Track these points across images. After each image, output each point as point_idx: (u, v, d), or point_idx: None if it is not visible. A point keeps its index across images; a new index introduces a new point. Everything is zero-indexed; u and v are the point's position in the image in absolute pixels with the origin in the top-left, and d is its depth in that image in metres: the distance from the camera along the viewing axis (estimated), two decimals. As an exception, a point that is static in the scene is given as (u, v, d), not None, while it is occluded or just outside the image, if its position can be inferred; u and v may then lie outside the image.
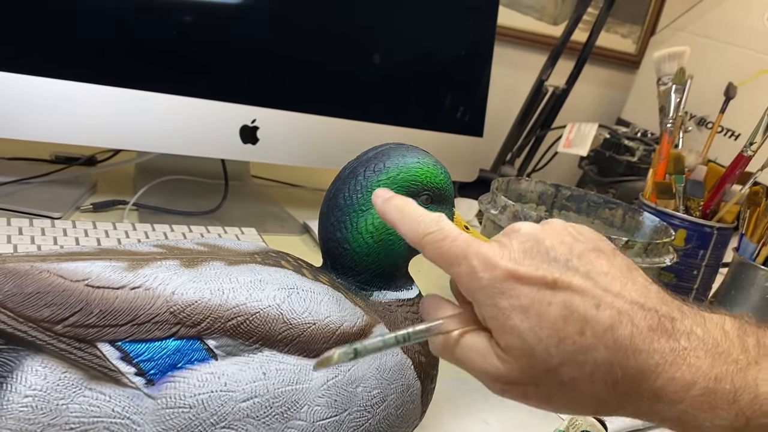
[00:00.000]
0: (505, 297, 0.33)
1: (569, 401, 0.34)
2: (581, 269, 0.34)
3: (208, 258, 0.41)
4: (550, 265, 0.34)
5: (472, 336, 0.35)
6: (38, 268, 0.35)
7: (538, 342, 0.33)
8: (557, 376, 0.33)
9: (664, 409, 0.33)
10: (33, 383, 0.34)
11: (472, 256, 0.34)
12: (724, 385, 0.32)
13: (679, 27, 1.45)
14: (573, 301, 0.33)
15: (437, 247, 0.35)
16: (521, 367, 0.33)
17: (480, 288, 0.34)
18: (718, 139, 1.20)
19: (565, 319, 0.33)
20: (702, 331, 0.34)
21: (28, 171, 0.83)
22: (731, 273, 0.81)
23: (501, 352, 0.34)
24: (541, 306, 0.33)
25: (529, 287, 0.33)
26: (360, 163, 0.46)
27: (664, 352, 0.33)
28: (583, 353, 0.33)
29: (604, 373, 0.33)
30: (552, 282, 0.33)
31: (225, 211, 0.87)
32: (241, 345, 0.37)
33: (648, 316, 0.33)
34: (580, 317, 0.33)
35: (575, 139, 1.19)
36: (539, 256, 0.34)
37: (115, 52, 0.75)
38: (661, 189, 0.83)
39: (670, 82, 0.85)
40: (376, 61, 0.92)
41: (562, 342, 0.33)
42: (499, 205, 0.70)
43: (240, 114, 0.83)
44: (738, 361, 0.33)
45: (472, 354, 0.35)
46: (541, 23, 1.46)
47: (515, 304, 0.33)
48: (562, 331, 0.33)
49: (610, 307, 0.33)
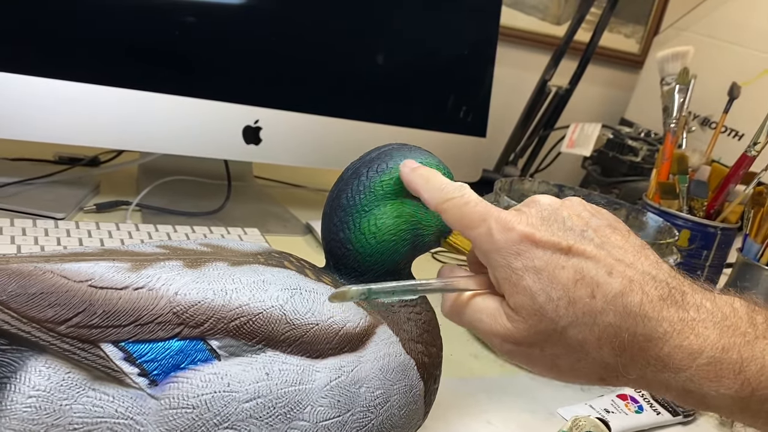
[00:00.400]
0: (519, 258, 0.34)
1: (574, 366, 0.35)
2: (596, 239, 0.35)
3: (211, 258, 0.41)
4: (565, 233, 0.35)
5: (483, 298, 0.36)
6: (42, 269, 0.35)
7: (548, 301, 0.33)
8: (565, 338, 0.34)
9: (670, 378, 0.34)
10: (36, 384, 0.34)
11: (491, 218, 0.35)
12: (731, 355, 0.33)
13: (683, 27, 1.45)
14: (586, 266, 0.34)
15: (458, 210, 0.37)
16: (530, 327, 0.34)
17: (496, 249, 0.35)
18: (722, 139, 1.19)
19: (577, 283, 0.33)
20: (711, 305, 0.35)
21: (31, 172, 0.83)
22: (735, 273, 0.81)
23: (511, 312, 0.35)
24: (554, 269, 0.34)
25: (543, 250, 0.34)
26: (363, 164, 0.46)
27: (673, 320, 0.33)
28: (592, 316, 0.33)
29: (612, 336, 0.33)
30: (566, 248, 0.34)
31: (228, 212, 0.87)
32: (244, 345, 0.37)
33: (659, 287, 0.34)
34: (592, 281, 0.33)
35: (578, 140, 1.19)
36: (556, 224, 0.35)
37: (118, 52, 0.76)
38: (665, 189, 0.83)
39: (674, 82, 0.85)
40: (379, 61, 0.92)
41: (572, 303, 0.33)
42: (502, 206, 0.69)
43: (243, 114, 0.83)
44: (746, 334, 0.34)
45: (482, 314, 0.36)
46: (544, 23, 1.45)
47: (529, 265, 0.34)
48: (572, 293, 0.33)
49: (622, 275, 0.34)
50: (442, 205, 0.38)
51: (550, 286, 0.33)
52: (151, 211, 0.82)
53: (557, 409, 0.61)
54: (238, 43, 0.82)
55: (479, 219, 0.36)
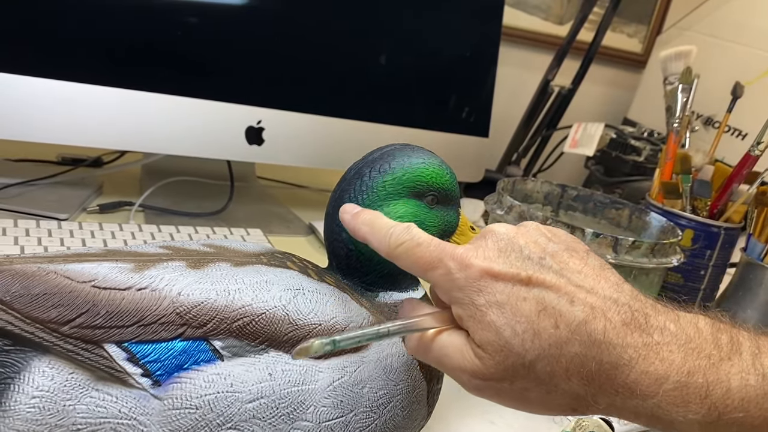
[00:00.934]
0: (481, 294, 0.34)
1: (545, 398, 0.35)
2: (554, 267, 0.35)
3: (214, 259, 0.41)
4: (523, 263, 0.35)
5: (449, 334, 0.36)
6: (45, 270, 0.35)
7: (514, 336, 0.33)
8: (533, 371, 0.34)
9: (638, 405, 0.33)
10: (40, 384, 0.34)
11: (448, 258, 0.35)
12: (697, 379, 0.33)
13: (686, 26, 1.44)
14: (547, 296, 0.33)
15: (411, 255, 0.36)
16: (497, 362, 0.34)
17: (457, 288, 0.35)
18: (725, 138, 1.19)
19: (540, 314, 0.33)
20: (675, 326, 0.34)
21: (34, 173, 0.83)
22: (739, 273, 0.81)
23: (478, 349, 0.34)
24: (516, 301, 0.33)
25: (504, 283, 0.34)
26: (365, 164, 0.46)
27: (637, 346, 0.33)
28: (558, 347, 0.33)
29: (579, 366, 0.33)
30: (526, 278, 0.34)
31: (231, 212, 0.87)
32: (247, 346, 0.37)
33: (621, 311, 0.34)
34: (555, 311, 0.33)
35: (581, 139, 1.19)
36: (513, 254, 0.35)
37: (121, 53, 0.76)
38: (668, 189, 0.83)
39: (677, 81, 0.85)
40: (382, 61, 0.92)
41: (537, 335, 0.33)
42: (505, 206, 0.70)
43: (245, 115, 0.83)
44: (711, 356, 0.33)
45: (449, 351, 0.36)
46: (547, 23, 1.45)
47: (491, 300, 0.34)
48: (537, 325, 0.33)
49: (584, 302, 0.33)
50: (394, 252, 0.37)
51: (514, 319, 0.33)
52: (154, 212, 0.83)
53: (560, 410, 0.61)
54: (241, 43, 0.82)
55: (435, 260, 0.35)
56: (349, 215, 0.40)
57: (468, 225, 0.49)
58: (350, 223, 0.40)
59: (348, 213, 0.41)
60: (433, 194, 0.46)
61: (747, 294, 0.79)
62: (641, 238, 0.73)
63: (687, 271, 0.81)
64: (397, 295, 0.46)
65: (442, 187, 0.46)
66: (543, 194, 0.83)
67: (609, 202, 0.82)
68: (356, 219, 0.40)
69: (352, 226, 0.40)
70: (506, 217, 0.68)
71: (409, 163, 0.45)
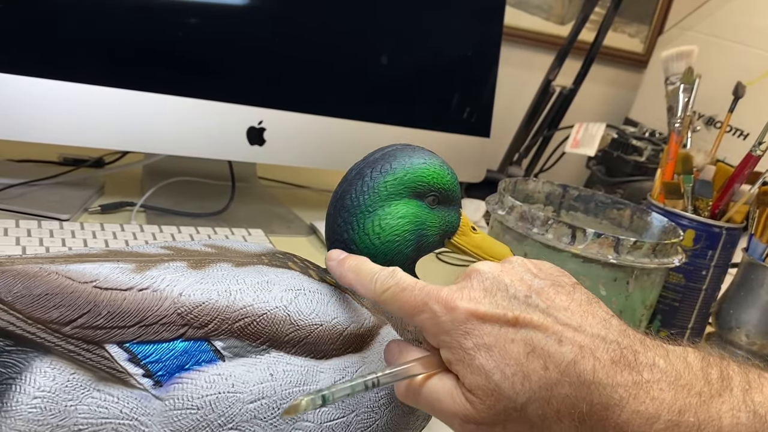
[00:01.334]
0: (469, 337, 0.34)
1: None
2: (541, 305, 0.34)
3: (215, 259, 0.41)
4: (510, 303, 0.34)
5: (439, 378, 0.36)
6: (47, 270, 0.35)
7: (504, 379, 0.33)
8: (525, 415, 0.33)
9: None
10: (42, 384, 0.34)
11: (433, 301, 0.35)
12: (688, 417, 0.32)
13: (687, 26, 1.44)
14: (535, 337, 0.33)
15: (396, 300, 0.36)
16: (489, 406, 0.33)
17: (444, 331, 0.34)
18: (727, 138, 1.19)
19: (528, 355, 0.33)
20: (665, 362, 0.34)
21: (36, 173, 0.83)
22: (740, 274, 0.81)
23: (468, 393, 0.34)
24: (504, 343, 0.33)
25: (491, 325, 0.34)
26: (367, 164, 0.46)
27: (627, 385, 0.33)
28: (548, 389, 0.33)
29: (570, 408, 0.33)
30: (513, 319, 0.34)
31: (232, 213, 0.87)
32: (249, 346, 0.37)
33: (610, 349, 0.33)
34: (543, 352, 0.33)
35: (583, 140, 1.19)
36: (499, 294, 0.35)
37: (123, 54, 0.76)
38: (670, 189, 0.83)
39: (678, 81, 0.85)
40: (383, 62, 0.92)
41: (527, 378, 0.33)
42: (507, 206, 0.69)
43: (247, 115, 0.83)
44: (701, 393, 0.33)
45: (439, 396, 0.35)
46: (548, 23, 1.45)
47: (479, 342, 0.33)
48: (526, 367, 0.33)
49: (572, 342, 0.33)
50: (380, 297, 0.37)
51: (503, 362, 0.33)
52: (155, 212, 0.83)
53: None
54: (242, 44, 0.82)
55: (421, 304, 0.35)
56: (335, 262, 0.41)
57: (469, 225, 0.49)
58: (336, 269, 0.40)
59: (334, 260, 0.41)
60: (435, 194, 0.46)
61: (749, 294, 0.79)
62: (643, 239, 0.73)
63: (688, 271, 0.81)
64: (398, 295, 0.46)
65: (444, 187, 0.46)
66: (544, 194, 0.82)
67: (610, 203, 0.82)
68: (342, 266, 0.40)
69: (337, 272, 0.40)
70: (507, 218, 0.68)
71: (411, 164, 0.45)
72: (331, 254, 0.41)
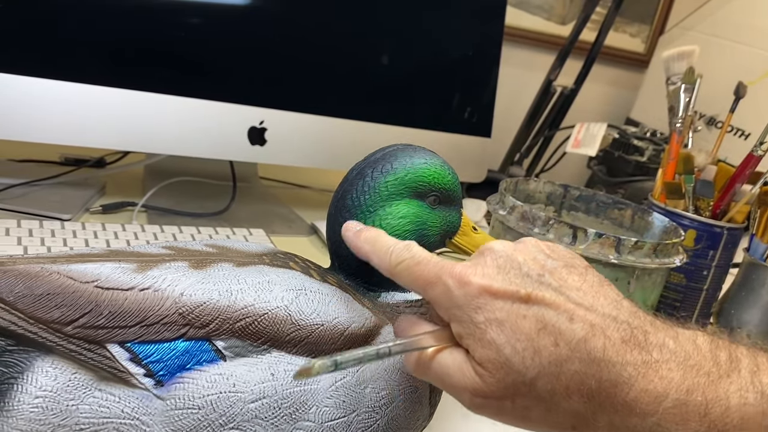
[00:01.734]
0: (480, 311, 0.34)
1: (545, 417, 0.35)
2: (553, 284, 0.35)
3: (216, 259, 0.41)
4: (522, 280, 0.35)
5: (449, 352, 0.36)
6: (48, 270, 0.35)
7: (514, 354, 0.33)
8: (534, 389, 0.34)
9: (638, 423, 0.33)
10: (43, 384, 0.34)
11: (446, 275, 0.35)
12: (696, 397, 0.33)
13: (688, 26, 1.44)
14: (547, 314, 0.33)
15: (410, 273, 0.37)
16: (498, 380, 0.34)
17: (456, 305, 0.35)
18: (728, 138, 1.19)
19: (539, 332, 0.33)
20: (674, 343, 0.34)
21: (37, 173, 0.83)
22: (742, 274, 0.81)
23: (478, 367, 0.34)
24: (516, 318, 0.33)
25: (503, 301, 0.34)
26: (368, 164, 0.46)
27: (637, 364, 0.33)
28: (558, 364, 0.33)
29: (579, 384, 0.33)
30: (525, 296, 0.34)
31: (233, 213, 0.87)
32: (250, 346, 0.37)
33: (620, 328, 0.34)
34: (554, 329, 0.33)
35: (584, 139, 1.19)
36: (512, 272, 0.35)
37: (124, 54, 0.76)
38: (671, 189, 0.83)
39: (680, 81, 0.85)
40: (384, 62, 0.92)
41: (537, 353, 0.33)
42: (508, 206, 0.69)
43: (248, 115, 0.83)
44: (710, 373, 0.33)
45: (449, 369, 0.35)
46: (550, 23, 1.45)
47: (491, 317, 0.34)
48: (536, 343, 0.33)
49: (583, 320, 0.33)
50: (393, 270, 0.37)
51: (514, 337, 0.33)
52: (156, 212, 0.83)
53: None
54: (243, 44, 0.82)
55: (434, 277, 0.36)
56: (351, 233, 0.41)
57: (470, 225, 0.49)
58: (352, 240, 0.41)
59: (350, 230, 0.41)
60: (435, 194, 0.46)
61: (750, 294, 0.79)
62: (644, 239, 0.73)
63: (690, 271, 0.81)
64: (399, 295, 0.46)
65: (445, 187, 0.46)
66: (545, 194, 0.82)
67: (611, 203, 0.82)
68: (358, 237, 0.40)
69: (354, 243, 0.41)
70: (509, 218, 0.68)
71: (411, 164, 0.45)
72: (348, 225, 0.42)
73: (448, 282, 0.35)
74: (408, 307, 0.46)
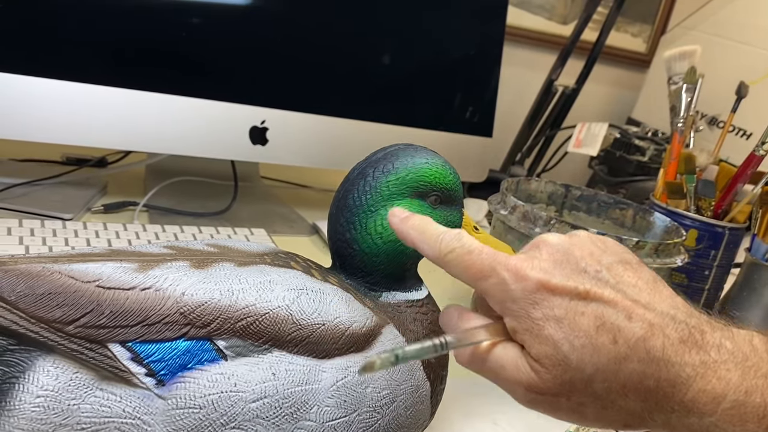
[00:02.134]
0: (538, 307, 0.34)
1: (600, 414, 0.35)
2: (611, 281, 0.34)
3: (217, 259, 0.41)
4: (580, 276, 0.34)
5: (503, 346, 0.35)
6: (50, 269, 0.35)
7: (572, 351, 0.33)
8: (591, 387, 0.33)
9: (695, 423, 0.33)
10: (45, 383, 0.34)
11: (502, 268, 0.34)
12: (755, 398, 0.33)
13: (690, 26, 1.44)
14: (606, 312, 0.33)
15: (461, 262, 0.36)
16: (555, 377, 0.34)
17: (512, 300, 0.34)
18: (730, 138, 1.19)
19: (598, 329, 0.33)
20: (731, 344, 0.34)
21: (39, 173, 0.84)
22: (743, 274, 0.81)
23: (534, 362, 0.34)
24: (575, 315, 0.33)
25: (561, 297, 0.33)
26: (369, 164, 0.46)
27: (695, 364, 0.33)
28: (617, 362, 0.33)
29: (637, 383, 0.33)
30: (584, 293, 0.33)
31: (234, 212, 0.87)
32: (251, 346, 0.37)
33: (679, 328, 0.34)
34: (613, 327, 0.33)
35: (585, 139, 1.18)
36: (569, 267, 0.34)
37: (125, 54, 0.76)
38: (672, 189, 0.83)
39: (681, 81, 0.85)
40: (385, 61, 0.92)
41: (596, 351, 0.33)
42: (509, 206, 0.69)
43: (249, 115, 0.83)
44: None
45: (504, 363, 0.35)
46: (551, 23, 1.45)
47: (549, 314, 0.33)
48: (595, 340, 0.33)
49: (641, 318, 0.33)
50: (444, 258, 0.36)
51: (573, 334, 0.33)
52: (158, 212, 0.83)
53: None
54: (245, 44, 0.82)
55: (488, 269, 0.35)
56: (397, 218, 0.40)
57: (471, 225, 0.49)
58: (399, 226, 0.39)
59: (397, 216, 0.40)
60: (437, 194, 0.46)
61: (751, 294, 0.79)
62: (645, 239, 0.73)
63: (691, 271, 0.80)
64: (400, 295, 0.46)
65: (446, 187, 0.46)
66: (547, 194, 0.82)
67: (613, 202, 0.82)
68: (405, 223, 0.39)
69: (400, 230, 0.39)
70: (510, 217, 0.68)
71: (413, 163, 0.45)
72: (395, 211, 0.40)
73: (503, 275, 0.34)
74: (409, 307, 0.46)
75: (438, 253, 0.37)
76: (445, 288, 0.74)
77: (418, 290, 0.47)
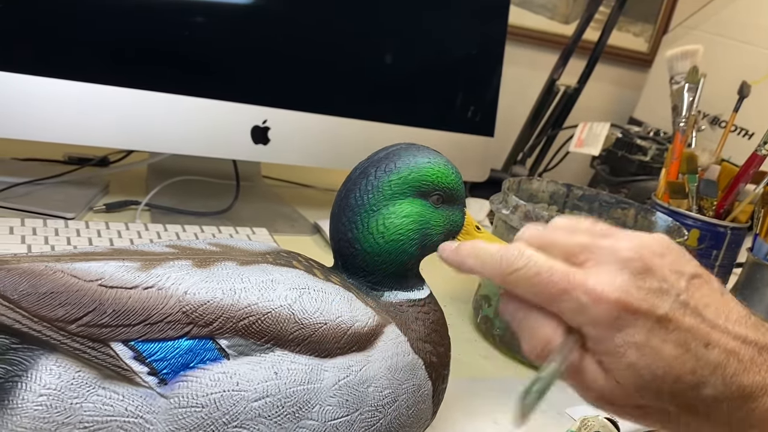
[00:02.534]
0: (620, 333, 0.33)
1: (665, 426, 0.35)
2: (690, 304, 0.34)
3: (220, 258, 0.41)
4: (661, 299, 0.33)
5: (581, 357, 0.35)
6: (52, 268, 0.35)
7: (654, 379, 0.33)
8: (661, 404, 0.34)
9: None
10: (47, 382, 0.34)
11: (577, 290, 0.33)
12: None
13: (692, 25, 1.44)
14: (686, 339, 0.33)
15: (529, 283, 0.34)
16: (629, 395, 0.34)
17: (590, 323, 0.33)
18: (732, 138, 1.19)
19: (678, 358, 0.33)
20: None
21: (41, 172, 0.84)
22: (745, 273, 0.81)
23: (612, 380, 0.34)
24: (657, 343, 0.33)
25: (644, 321, 0.33)
26: (371, 164, 0.46)
27: (766, 383, 0.34)
28: (695, 389, 0.33)
29: (708, 407, 0.34)
30: (665, 318, 0.33)
31: (236, 212, 0.87)
32: (253, 345, 0.37)
33: (750, 350, 0.34)
34: (693, 356, 0.33)
35: (587, 139, 1.18)
36: (647, 281, 0.33)
37: (127, 53, 0.76)
38: (674, 189, 0.83)
39: (683, 80, 0.85)
40: (387, 61, 0.92)
41: (677, 381, 0.33)
42: (511, 205, 0.69)
43: (251, 114, 0.83)
44: None
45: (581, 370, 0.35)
46: (553, 22, 1.45)
47: (630, 341, 0.33)
48: (677, 370, 0.33)
49: (718, 344, 0.33)
50: (508, 278, 0.34)
51: (655, 363, 0.33)
52: (160, 211, 0.83)
53: (566, 409, 0.61)
54: (246, 43, 0.82)
55: (561, 291, 0.33)
56: (449, 252, 0.38)
57: (473, 225, 0.49)
58: (454, 259, 0.38)
59: (447, 250, 0.38)
60: (439, 194, 0.46)
61: (754, 294, 0.79)
62: (647, 238, 0.72)
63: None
64: (402, 294, 0.46)
65: (448, 186, 0.46)
66: (548, 194, 0.82)
67: (615, 202, 0.82)
68: (458, 254, 0.37)
69: (457, 261, 0.37)
70: (512, 217, 0.68)
71: (415, 163, 0.45)
72: (444, 246, 0.39)
73: (581, 299, 0.33)
74: (411, 306, 0.46)
75: (501, 272, 0.35)
76: (447, 287, 0.74)
77: (420, 290, 0.47)
